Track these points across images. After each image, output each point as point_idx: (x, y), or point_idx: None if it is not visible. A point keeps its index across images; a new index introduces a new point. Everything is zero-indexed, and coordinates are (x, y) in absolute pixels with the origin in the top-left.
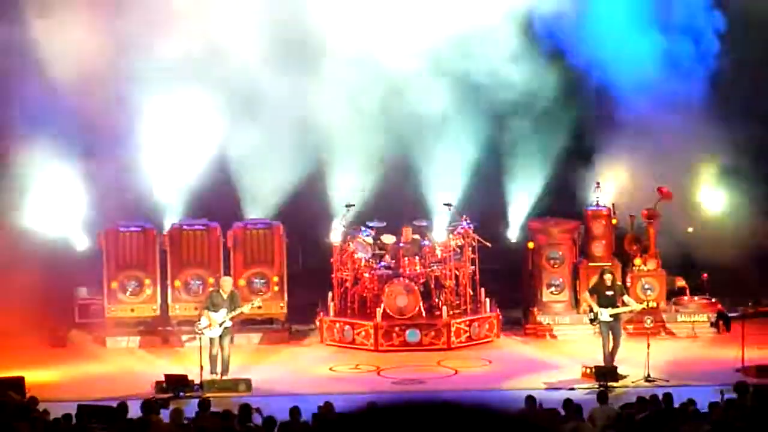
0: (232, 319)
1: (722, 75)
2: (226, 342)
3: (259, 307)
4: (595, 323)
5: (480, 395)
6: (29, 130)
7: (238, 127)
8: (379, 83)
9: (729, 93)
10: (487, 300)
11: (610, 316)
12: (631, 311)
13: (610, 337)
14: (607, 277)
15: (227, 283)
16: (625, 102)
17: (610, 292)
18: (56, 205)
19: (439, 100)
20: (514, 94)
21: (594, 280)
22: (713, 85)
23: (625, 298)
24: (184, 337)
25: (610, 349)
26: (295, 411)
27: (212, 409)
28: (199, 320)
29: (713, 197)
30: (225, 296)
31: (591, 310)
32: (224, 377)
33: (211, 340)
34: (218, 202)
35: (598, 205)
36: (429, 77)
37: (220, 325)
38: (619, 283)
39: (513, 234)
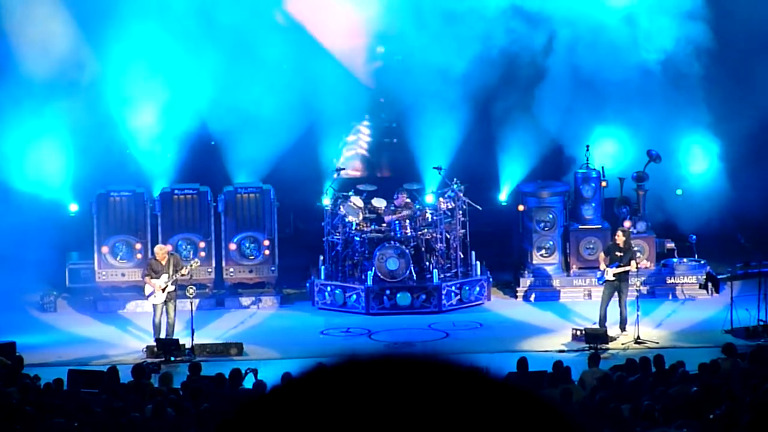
0: (174, 282)
1: (710, 38)
2: (171, 307)
3: (199, 266)
4: (600, 283)
5: (470, 358)
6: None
7: (227, 90)
8: (371, 45)
9: (717, 56)
10: (478, 263)
11: (614, 275)
12: (627, 271)
13: (611, 298)
14: (619, 235)
15: (161, 250)
16: (614, 66)
17: (620, 253)
18: (47, 168)
19: (433, 64)
20: (507, 60)
21: (610, 241)
22: (701, 47)
23: (632, 262)
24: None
25: (620, 310)
26: (287, 377)
27: (204, 373)
28: (144, 289)
29: (702, 159)
30: (163, 263)
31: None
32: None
33: (155, 307)
34: (208, 166)
35: (587, 167)
36: (423, 39)
37: (163, 290)
38: (635, 248)
39: (503, 197)
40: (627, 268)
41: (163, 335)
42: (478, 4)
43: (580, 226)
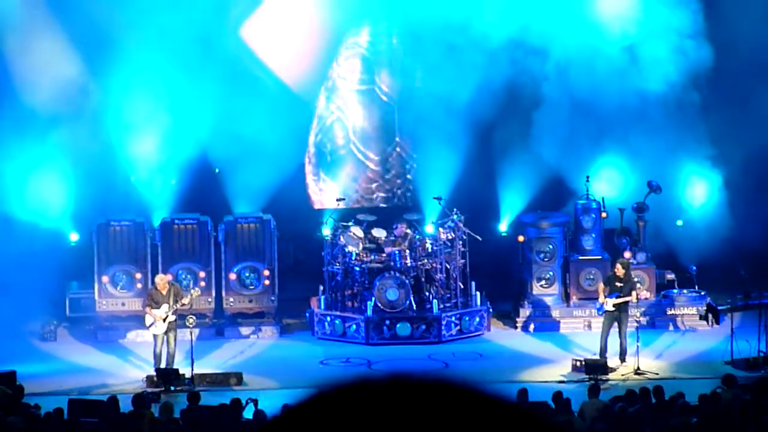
0: (175, 312)
1: (709, 68)
2: (172, 337)
3: (199, 295)
4: (600, 314)
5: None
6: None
7: (228, 120)
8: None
9: (718, 85)
10: (478, 293)
11: (613, 306)
12: (627, 302)
13: (611, 329)
14: (618, 268)
15: (161, 280)
16: (614, 96)
17: (619, 284)
18: (48, 197)
19: (433, 95)
20: (507, 91)
21: (610, 272)
22: (700, 78)
23: (633, 292)
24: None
25: (620, 341)
26: (287, 408)
27: (207, 403)
28: (144, 320)
29: (702, 190)
30: (164, 293)
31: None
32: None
33: (156, 337)
34: (208, 195)
35: (587, 198)
36: (423, 70)
37: (164, 320)
38: (635, 279)
39: (503, 227)
40: (627, 299)
41: (163, 365)
42: (478, 36)
43: (580, 257)
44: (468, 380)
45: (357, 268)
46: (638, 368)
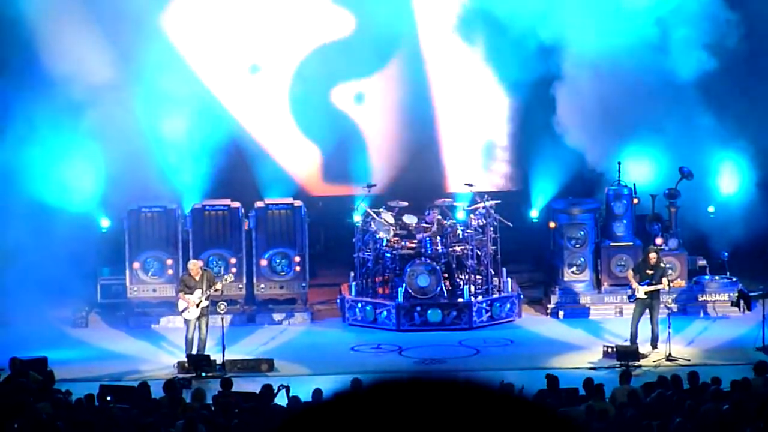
0: (208, 297)
1: (744, 51)
2: (204, 323)
3: (232, 281)
4: (632, 301)
5: (501, 375)
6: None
7: (257, 107)
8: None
9: (751, 70)
10: (509, 279)
11: (645, 293)
12: (659, 289)
13: (643, 316)
14: (652, 256)
15: (194, 266)
16: (647, 83)
17: (650, 271)
18: (79, 183)
19: (462, 80)
20: (539, 79)
21: (640, 258)
22: (732, 63)
23: (664, 279)
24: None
25: (652, 328)
26: (318, 393)
27: (239, 389)
28: (177, 305)
29: (734, 176)
30: (197, 278)
31: (631, 287)
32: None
33: (188, 322)
34: (239, 181)
35: (619, 184)
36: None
37: (197, 306)
38: (663, 265)
39: (535, 214)
40: (659, 286)
41: (194, 351)
42: (507, 24)
43: (611, 243)
44: (474, 378)
45: (388, 255)
46: (670, 355)
